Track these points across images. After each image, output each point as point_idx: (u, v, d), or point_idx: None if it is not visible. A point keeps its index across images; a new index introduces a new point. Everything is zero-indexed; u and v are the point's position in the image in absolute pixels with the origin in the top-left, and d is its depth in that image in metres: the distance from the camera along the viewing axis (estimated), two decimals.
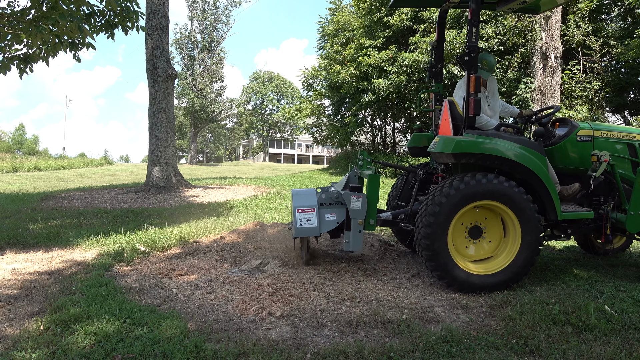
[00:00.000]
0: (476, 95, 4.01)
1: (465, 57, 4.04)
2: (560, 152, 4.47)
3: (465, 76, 4.15)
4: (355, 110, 18.77)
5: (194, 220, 7.20)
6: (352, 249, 4.40)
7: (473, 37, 4.04)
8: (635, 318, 3.25)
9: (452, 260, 3.92)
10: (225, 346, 2.83)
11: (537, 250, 3.98)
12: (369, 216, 4.43)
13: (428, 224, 3.87)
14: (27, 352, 2.71)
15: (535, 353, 2.84)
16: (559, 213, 4.05)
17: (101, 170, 28.34)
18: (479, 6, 4.07)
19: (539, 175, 3.95)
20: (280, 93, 64.36)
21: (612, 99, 13.23)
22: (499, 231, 4.14)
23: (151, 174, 11.69)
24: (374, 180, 4.47)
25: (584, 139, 4.44)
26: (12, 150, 50.31)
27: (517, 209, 3.90)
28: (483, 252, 4.17)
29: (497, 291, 3.97)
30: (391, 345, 2.86)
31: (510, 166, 3.98)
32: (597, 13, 13.96)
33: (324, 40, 21.59)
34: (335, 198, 4.53)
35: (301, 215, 4.41)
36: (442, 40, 5.24)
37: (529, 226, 3.92)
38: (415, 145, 5.12)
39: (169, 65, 11.98)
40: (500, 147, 3.95)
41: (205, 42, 43.54)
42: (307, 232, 4.44)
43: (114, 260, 4.86)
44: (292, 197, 4.66)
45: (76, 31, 5.57)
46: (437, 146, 4.20)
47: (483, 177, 3.88)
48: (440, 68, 5.22)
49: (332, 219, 4.50)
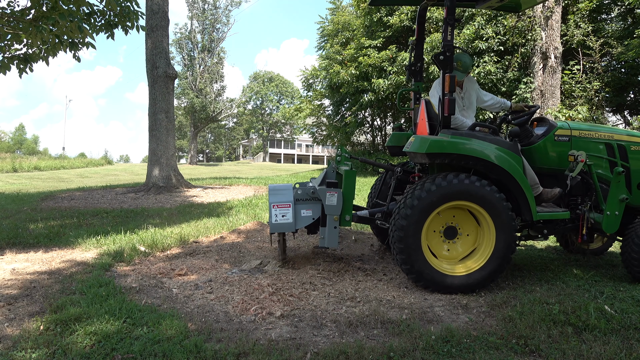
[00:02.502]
0: (451, 95, 3.98)
1: (440, 56, 4.01)
2: (538, 152, 4.44)
3: (440, 76, 4.13)
4: (355, 110, 18.77)
5: (194, 220, 7.20)
6: (327, 245, 4.36)
7: (448, 37, 4.01)
8: (635, 318, 3.25)
9: (426, 262, 3.89)
10: (225, 346, 2.83)
11: (513, 249, 3.95)
12: (345, 212, 4.40)
13: (401, 227, 3.84)
14: (27, 352, 2.71)
15: (535, 353, 2.84)
16: (534, 213, 4.02)
17: (101, 170, 28.35)
18: (453, 4, 4.04)
19: (514, 175, 3.92)
20: (280, 93, 64.39)
21: (612, 99, 13.23)
22: (474, 231, 4.12)
23: (151, 174, 11.69)
24: (350, 176, 4.44)
25: (562, 139, 4.40)
26: (12, 150, 50.33)
27: (490, 208, 3.88)
28: (458, 253, 4.13)
29: (495, 291, 3.97)
30: (391, 345, 2.86)
31: (485, 166, 3.95)
32: (597, 13, 13.95)
33: (324, 40, 21.59)
34: (311, 194, 4.51)
35: (277, 210, 4.40)
36: (422, 39, 5.23)
37: (503, 225, 3.90)
38: (394, 144, 5.10)
39: (169, 65, 11.98)
40: (474, 147, 3.92)
41: (205, 42, 43.54)
42: (282, 227, 4.43)
43: (114, 260, 4.86)
44: (268, 193, 4.64)
45: (76, 31, 5.57)
46: (412, 146, 4.17)
47: (454, 178, 3.85)
48: (420, 67, 5.20)
49: (308, 214, 4.48)
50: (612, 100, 13.25)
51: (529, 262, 5.07)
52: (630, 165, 4.46)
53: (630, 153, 4.48)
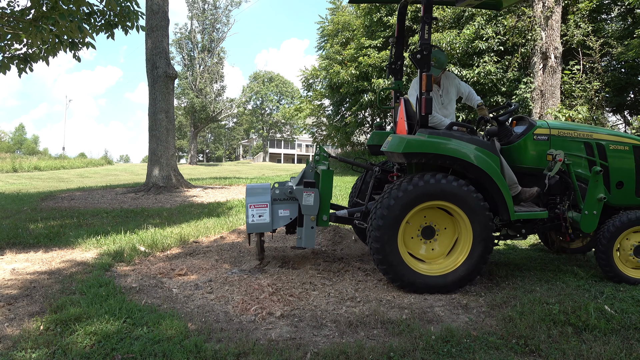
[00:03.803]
0: (428, 94, 3.97)
1: (417, 55, 3.99)
2: (518, 151, 4.42)
3: (418, 74, 4.11)
4: (355, 110, 18.78)
5: (194, 220, 7.20)
6: (304, 245, 4.34)
7: (425, 35, 3.99)
8: (635, 318, 3.25)
9: (403, 261, 3.87)
10: (225, 346, 2.82)
11: (490, 249, 3.94)
12: (322, 212, 4.37)
13: (378, 226, 3.83)
14: (27, 352, 2.71)
15: (535, 353, 2.84)
16: (512, 213, 4.00)
17: (101, 170, 28.35)
18: (430, 3, 4.04)
19: (491, 174, 3.90)
20: (280, 93, 64.39)
21: (612, 99, 13.23)
22: (452, 231, 4.09)
23: (151, 174, 11.69)
24: (327, 175, 4.41)
25: (541, 138, 4.38)
26: (12, 150, 50.31)
27: (467, 208, 3.86)
28: (436, 253, 4.11)
29: (495, 291, 3.97)
30: (391, 345, 2.86)
31: (462, 166, 3.92)
32: (597, 13, 13.94)
33: (324, 40, 21.61)
34: (289, 193, 4.49)
35: (253, 210, 4.38)
36: (402, 37, 5.20)
37: (480, 225, 3.88)
38: (374, 143, 5.07)
39: (169, 65, 11.99)
40: (451, 146, 3.89)
41: (205, 42, 43.54)
42: (259, 227, 4.40)
43: (114, 260, 4.86)
44: (245, 193, 4.61)
45: (76, 31, 5.57)
46: (389, 145, 4.15)
47: (432, 178, 3.83)
48: (400, 65, 5.17)
49: (286, 214, 4.46)
50: (612, 100, 13.25)
51: (529, 262, 5.07)
52: (609, 165, 4.45)
53: (609, 152, 4.46)
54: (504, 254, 5.50)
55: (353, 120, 18.97)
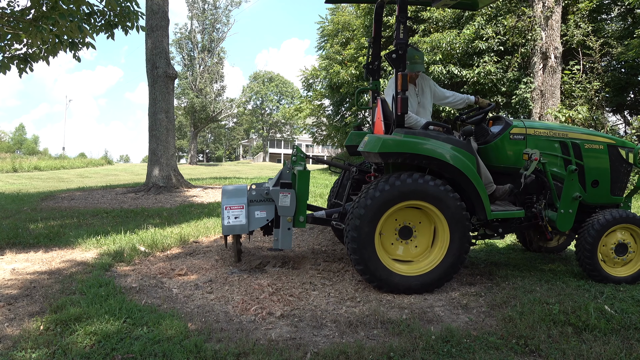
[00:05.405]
0: (404, 94, 3.97)
1: (393, 54, 3.98)
2: (494, 151, 4.43)
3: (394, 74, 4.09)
4: (355, 110, 18.77)
5: (194, 220, 7.21)
6: (281, 246, 4.31)
7: (401, 34, 3.98)
8: (635, 318, 3.25)
9: (380, 262, 3.86)
10: (225, 346, 2.83)
11: (466, 249, 3.94)
12: (299, 213, 4.34)
13: (354, 226, 3.81)
14: (27, 352, 2.71)
15: (535, 353, 2.84)
16: (489, 212, 4.00)
17: (101, 170, 28.35)
18: (405, 3, 4.03)
19: (467, 174, 3.90)
20: (280, 93, 64.39)
21: (612, 99, 13.22)
22: (429, 231, 4.09)
23: (151, 174, 11.69)
24: (303, 176, 4.38)
25: (517, 137, 4.40)
26: (12, 150, 50.32)
27: (444, 208, 3.85)
28: (414, 253, 4.10)
29: (495, 291, 3.97)
30: (391, 345, 2.86)
31: (438, 165, 3.92)
32: (597, 13, 13.94)
33: (324, 40, 21.59)
34: (265, 195, 4.46)
35: (229, 212, 4.34)
36: (379, 37, 5.19)
37: (457, 225, 3.88)
38: (352, 143, 5.04)
39: (169, 65, 11.98)
40: (427, 146, 3.89)
41: (205, 42, 43.56)
42: (235, 229, 4.36)
43: (114, 260, 4.86)
44: (221, 195, 4.57)
45: (76, 31, 5.57)
46: (365, 145, 4.14)
47: (408, 177, 3.82)
48: (378, 65, 5.15)
49: (262, 216, 4.42)
50: (612, 100, 13.24)
51: (529, 262, 5.07)
52: (585, 164, 4.47)
53: (584, 151, 4.48)
54: (504, 254, 5.50)
55: (353, 120, 18.97)
